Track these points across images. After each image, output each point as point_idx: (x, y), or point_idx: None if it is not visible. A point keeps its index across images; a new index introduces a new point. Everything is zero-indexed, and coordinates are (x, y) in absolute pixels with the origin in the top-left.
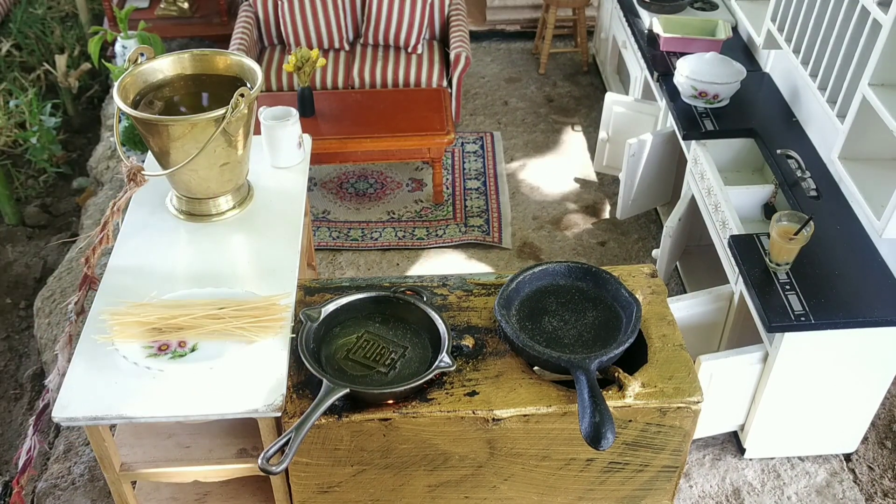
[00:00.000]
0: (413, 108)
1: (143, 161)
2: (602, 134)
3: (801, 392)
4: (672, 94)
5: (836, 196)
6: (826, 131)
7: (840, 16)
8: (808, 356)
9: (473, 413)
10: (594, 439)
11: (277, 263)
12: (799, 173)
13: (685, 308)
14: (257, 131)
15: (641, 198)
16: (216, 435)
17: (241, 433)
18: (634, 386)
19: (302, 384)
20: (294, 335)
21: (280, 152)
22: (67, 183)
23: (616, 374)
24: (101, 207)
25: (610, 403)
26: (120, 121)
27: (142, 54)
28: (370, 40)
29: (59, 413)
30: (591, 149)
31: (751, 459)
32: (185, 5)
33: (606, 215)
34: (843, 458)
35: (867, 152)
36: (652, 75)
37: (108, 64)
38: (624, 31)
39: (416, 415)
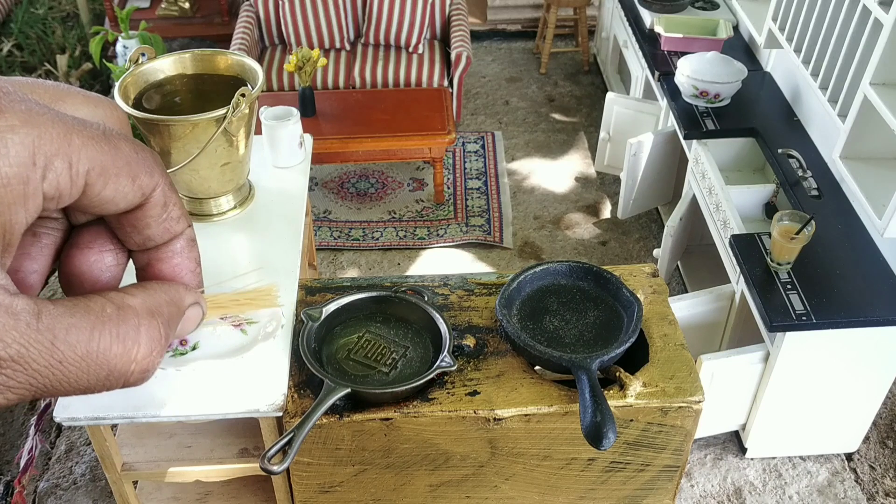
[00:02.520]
0: (414, 108)
1: None
2: (603, 133)
3: (802, 391)
4: (673, 93)
5: (838, 195)
6: (827, 131)
7: (841, 15)
8: (809, 356)
9: (475, 413)
10: (595, 439)
11: (279, 263)
12: (800, 173)
13: (686, 307)
14: (258, 131)
15: (642, 197)
16: (217, 435)
17: (243, 433)
18: (636, 385)
19: (303, 384)
20: (299, 323)
21: (281, 152)
22: None
23: (617, 374)
24: None
25: (611, 403)
26: None
27: (143, 54)
28: (371, 40)
29: (60, 413)
30: (592, 148)
31: (752, 459)
32: (186, 5)
33: (607, 215)
34: (844, 458)
35: (868, 152)
36: (653, 75)
37: (109, 64)
38: (625, 30)
39: (418, 414)
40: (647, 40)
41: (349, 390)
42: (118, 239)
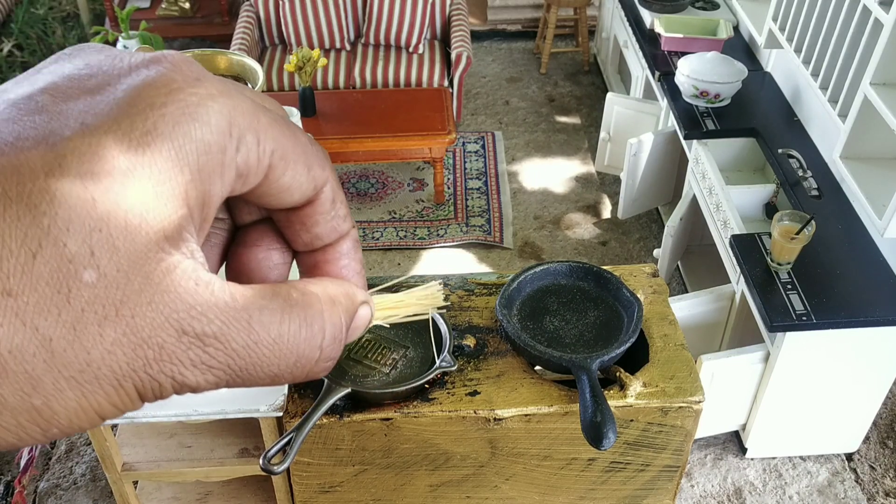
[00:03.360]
0: (414, 108)
1: None
2: (603, 133)
3: (802, 391)
4: (673, 93)
5: (838, 196)
6: (827, 131)
7: (841, 15)
8: (809, 356)
9: (475, 413)
10: (595, 439)
11: None
12: (800, 173)
13: (687, 308)
14: None
15: (643, 197)
16: (218, 435)
17: (243, 433)
18: (636, 385)
19: (303, 384)
20: None
21: None
22: None
23: (617, 374)
24: None
25: (611, 403)
26: None
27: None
28: (371, 40)
29: None
30: (593, 148)
31: (752, 459)
32: (187, 5)
33: (608, 215)
34: (844, 458)
35: (869, 152)
36: (653, 75)
37: None
38: (625, 30)
39: (418, 414)
40: (648, 40)
41: (349, 390)
42: (283, 238)
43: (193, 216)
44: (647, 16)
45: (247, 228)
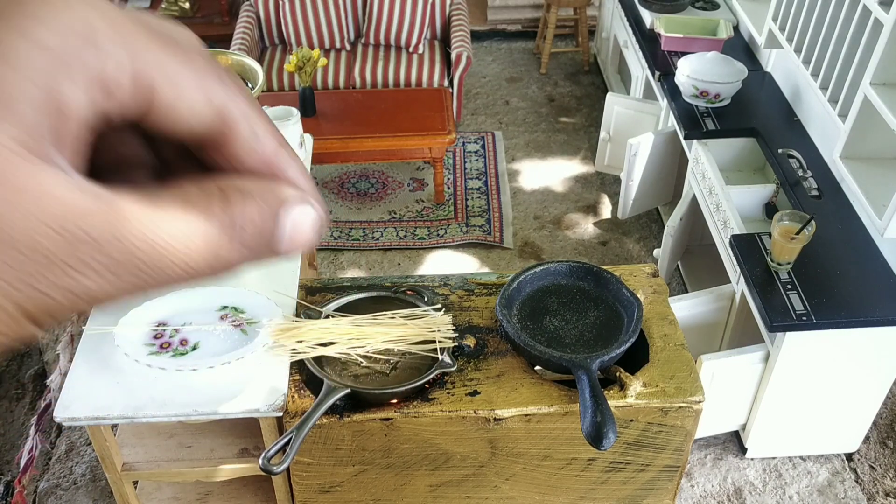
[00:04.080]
0: (414, 108)
1: None
2: (603, 133)
3: (802, 391)
4: (673, 93)
5: (838, 196)
6: (827, 131)
7: (841, 15)
8: (809, 356)
9: (475, 413)
10: (595, 439)
11: (279, 263)
12: (800, 173)
13: (687, 308)
14: None
15: (643, 197)
16: (218, 435)
17: (243, 433)
18: (636, 385)
19: (303, 384)
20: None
21: None
22: None
23: (617, 374)
24: None
25: (611, 403)
26: None
27: None
28: (371, 40)
29: (60, 413)
30: (593, 148)
31: (752, 459)
32: (187, 5)
33: (608, 215)
34: (844, 458)
35: (869, 152)
36: (653, 75)
37: None
38: (625, 30)
39: (418, 414)
40: (648, 40)
41: (349, 390)
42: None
43: (52, 125)
44: (647, 16)
45: (175, 172)
